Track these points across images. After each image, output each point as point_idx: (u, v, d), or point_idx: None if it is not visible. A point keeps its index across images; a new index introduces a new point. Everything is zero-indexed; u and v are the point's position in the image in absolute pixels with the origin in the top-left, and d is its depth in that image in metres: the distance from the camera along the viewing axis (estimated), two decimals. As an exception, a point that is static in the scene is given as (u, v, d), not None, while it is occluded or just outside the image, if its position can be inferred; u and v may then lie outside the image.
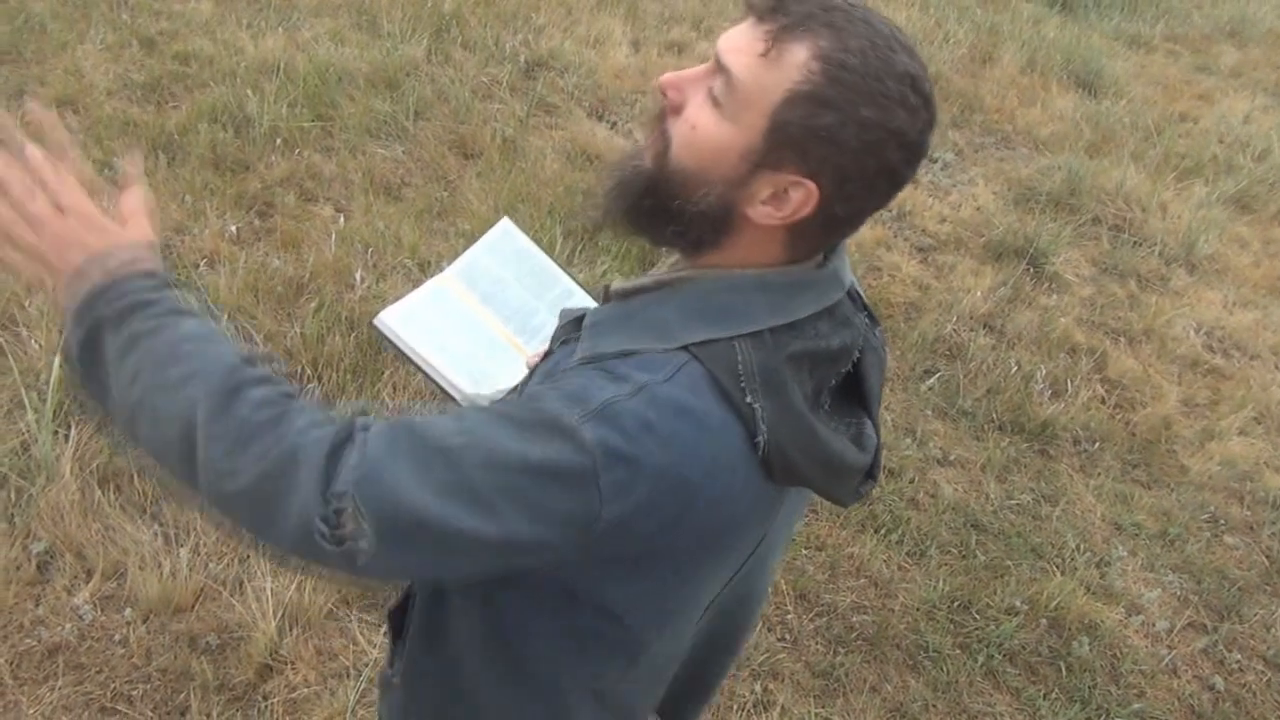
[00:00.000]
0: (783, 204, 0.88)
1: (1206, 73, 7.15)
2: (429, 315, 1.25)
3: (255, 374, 0.86)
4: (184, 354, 0.85)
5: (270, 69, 4.29)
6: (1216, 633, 2.86)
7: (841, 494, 1.02)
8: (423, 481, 0.80)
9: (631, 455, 0.82)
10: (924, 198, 4.70)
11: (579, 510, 0.83)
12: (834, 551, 2.80)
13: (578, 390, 0.85)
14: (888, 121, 0.83)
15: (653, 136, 0.92)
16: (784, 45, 0.84)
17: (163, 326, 0.87)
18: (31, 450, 2.48)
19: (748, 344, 0.89)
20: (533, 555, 0.86)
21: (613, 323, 0.94)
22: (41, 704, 2.05)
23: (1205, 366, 3.99)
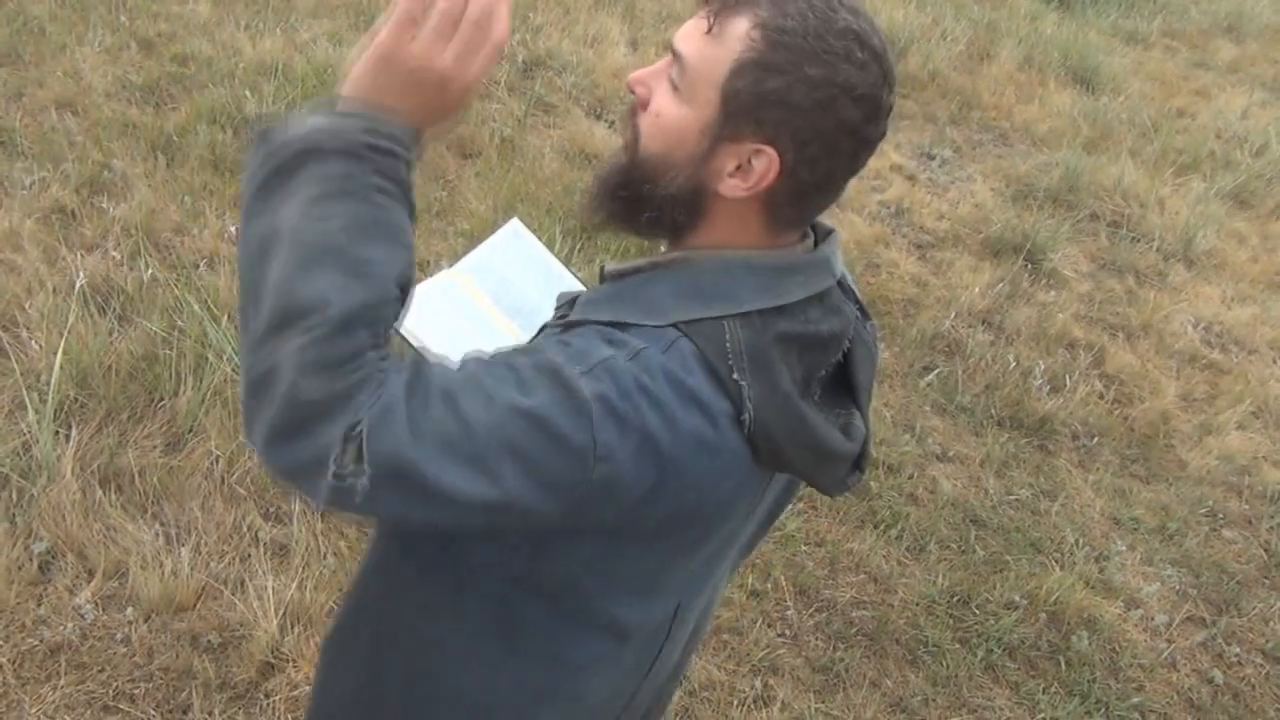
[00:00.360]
0: (748, 174, 0.89)
1: (1204, 68, 7.16)
2: (437, 307, 1.25)
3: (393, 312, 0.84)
4: (374, 235, 0.81)
5: (269, 70, 4.30)
6: (1215, 626, 2.87)
7: (828, 482, 1.02)
8: (426, 435, 0.81)
9: (623, 412, 0.84)
10: (922, 195, 4.71)
11: (573, 465, 0.84)
12: (834, 547, 2.81)
13: (578, 349, 0.87)
14: (835, 77, 0.85)
15: (627, 132, 0.95)
16: (725, 20, 0.87)
17: (375, 204, 0.82)
18: (33, 450, 2.49)
19: (736, 324, 0.90)
20: (519, 519, 0.87)
21: (605, 300, 0.96)
22: (44, 703, 2.06)
23: (1203, 361, 4.00)
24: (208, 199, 3.53)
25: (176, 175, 3.62)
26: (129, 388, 2.72)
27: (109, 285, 3.05)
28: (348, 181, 0.81)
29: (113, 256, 3.16)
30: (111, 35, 4.41)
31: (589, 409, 0.83)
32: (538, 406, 0.83)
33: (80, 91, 3.98)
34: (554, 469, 0.84)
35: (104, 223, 3.31)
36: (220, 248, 3.31)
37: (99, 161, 3.59)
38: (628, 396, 0.84)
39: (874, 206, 4.54)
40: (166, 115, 3.96)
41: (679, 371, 0.88)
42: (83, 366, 2.70)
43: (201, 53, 4.39)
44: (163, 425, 2.67)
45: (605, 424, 0.83)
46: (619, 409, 0.84)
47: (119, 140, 3.74)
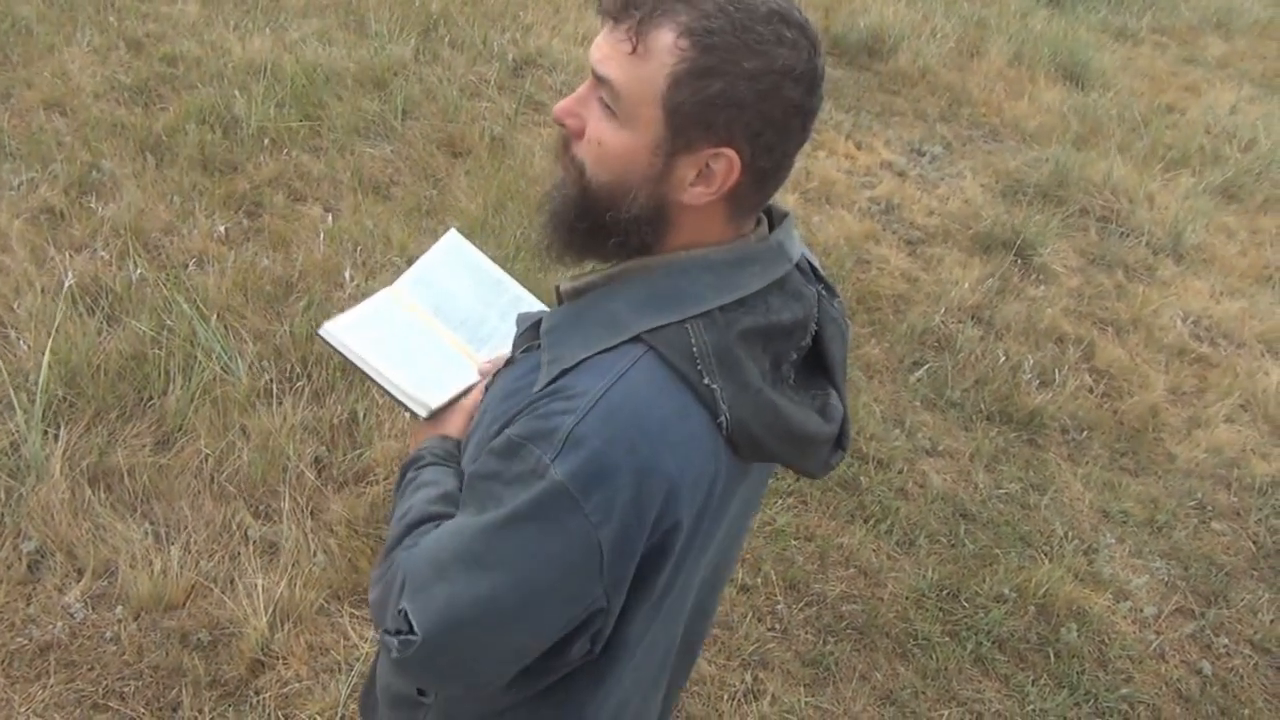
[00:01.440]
0: (710, 179, 0.89)
1: (1193, 64, 7.19)
2: (377, 325, 1.26)
3: (435, 511, 1.02)
4: (417, 496, 1.06)
5: (258, 70, 4.30)
6: (1204, 618, 2.88)
7: (811, 466, 1.03)
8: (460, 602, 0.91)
9: (603, 472, 0.85)
10: (912, 191, 4.72)
11: (580, 547, 0.86)
12: (823, 542, 2.82)
13: (539, 426, 0.88)
14: (773, 64, 0.84)
15: (565, 164, 0.94)
16: (647, 36, 0.85)
17: (419, 475, 1.09)
18: (21, 450, 2.49)
19: (700, 325, 0.90)
20: (587, 622, 0.92)
21: (567, 325, 0.95)
22: (33, 702, 2.06)
23: (1192, 355, 4.02)
24: (197, 199, 3.52)
25: (165, 175, 3.62)
26: (118, 387, 2.72)
27: (97, 285, 3.05)
28: (406, 484, 1.14)
29: (101, 256, 3.16)
30: (100, 35, 4.40)
31: (569, 490, 0.85)
32: (522, 509, 0.87)
33: (69, 92, 3.98)
34: (569, 565, 0.88)
35: (93, 223, 3.31)
36: (209, 247, 3.31)
37: (87, 162, 3.58)
38: (600, 456, 0.85)
39: (864, 203, 4.54)
40: (155, 115, 3.96)
41: (643, 397, 0.88)
42: (71, 366, 2.70)
43: (190, 53, 4.38)
44: (151, 424, 2.67)
45: (590, 494, 0.85)
46: (596, 472, 0.85)
47: (108, 140, 3.73)
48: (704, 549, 1.01)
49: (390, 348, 1.23)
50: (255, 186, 3.67)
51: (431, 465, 1.10)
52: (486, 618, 0.90)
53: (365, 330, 1.24)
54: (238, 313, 3.05)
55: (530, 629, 0.91)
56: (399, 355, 1.23)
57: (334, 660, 2.25)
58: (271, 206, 3.59)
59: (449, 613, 0.90)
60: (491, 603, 0.89)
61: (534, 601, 0.89)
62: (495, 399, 0.99)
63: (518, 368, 0.99)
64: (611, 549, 0.87)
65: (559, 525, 0.86)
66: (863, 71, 5.87)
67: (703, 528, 0.96)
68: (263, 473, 2.58)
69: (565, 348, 0.93)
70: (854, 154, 4.94)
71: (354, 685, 2.18)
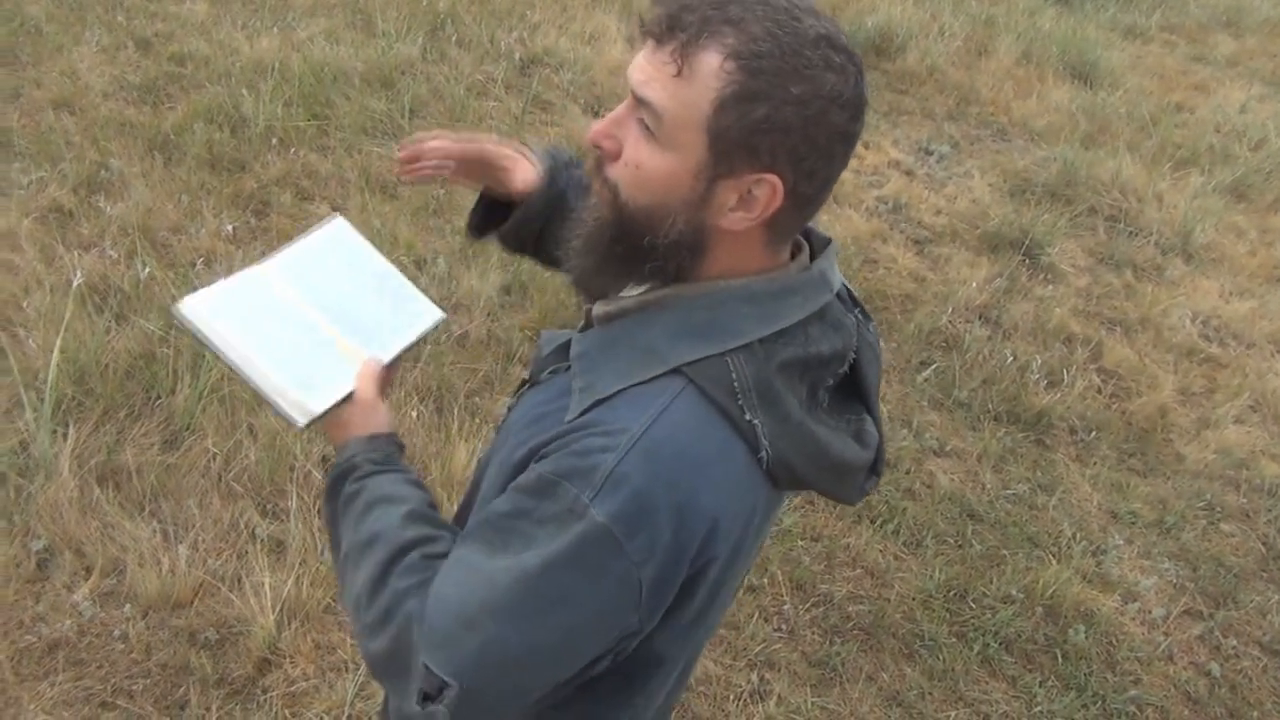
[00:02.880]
0: (752, 205, 0.86)
1: (1203, 63, 7.15)
2: (243, 305, 1.09)
3: (412, 537, 0.97)
4: (372, 515, 1.00)
5: (265, 69, 4.31)
6: (1213, 619, 2.87)
7: (847, 493, 1.01)
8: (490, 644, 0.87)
9: (644, 512, 0.83)
10: (920, 190, 4.71)
11: (621, 587, 0.85)
12: (830, 542, 2.81)
13: (576, 464, 0.85)
14: (820, 90, 0.82)
15: (600, 187, 0.91)
16: (693, 59, 0.82)
17: (363, 489, 1.03)
18: (30, 449, 2.50)
19: (740, 358, 0.88)
20: (619, 651, 0.92)
21: (600, 352, 0.93)
22: (42, 700, 2.07)
23: (1201, 355, 4.00)
24: (205, 198, 3.53)
25: (174, 174, 3.63)
26: (126, 386, 2.73)
27: (106, 284, 3.06)
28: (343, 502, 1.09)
29: (110, 255, 3.17)
30: (109, 35, 4.41)
31: (611, 532, 0.83)
32: (563, 554, 0.85)
33: (78, 91, 3.99)
34: (608, 598, 0.86)
35: (101, 222, 3.32)
36: (217, 246, 3.32)
37: (96, 161, 3.60)
38: (641, 496, 0.83)
39: (871, 202, 4.54)
40: (164, 114, 3.97)
41: (685, 433, 0.86)
42: (80, 365, 2.71)
43: (199, 52, 4.39)
44: (160, 423, 2.67)
45: (633, 536, 0.83)
46: (638, 513, 0.83)
47: (116, 140, 3.75)
48: (737, 576, 1.01)
49: (262, 336, 1.07)
50: (263, 185, 3.68)
51: (374, 474, 1.04)
52: (524, 662, 0.88)
53: (231, 312, 1.07)
54: (245, 312, 3.06)
55: (567, 665, 0.91)
56: (273, 346, 1.07)
57: (340, 659, 2.25)
58: (279, 205, 3.59)
59: (485, 659, 0.87)
60: (531, 650, 0.87)
61: (572, 642, 0.88)
62: (520, 422, 0.97)
63: (545, 391, 0.97)
64: (651, 585, 0.86)
65: (601, 569, 0.84)
66: (870, 70, 5.85)
67: (739, 558, 0.96)
68: (270, 472, 2.59)
69: (598, 376, 0.91)
70: (861, 153, 4.93)
71: (361, 684, 2.19)
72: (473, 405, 2.94)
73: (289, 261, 1.15)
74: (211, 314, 1.05)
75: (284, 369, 1.06)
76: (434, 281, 3.35)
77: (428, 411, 2.88)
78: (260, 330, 1.08)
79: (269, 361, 1.06)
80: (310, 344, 1.10)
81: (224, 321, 1.05)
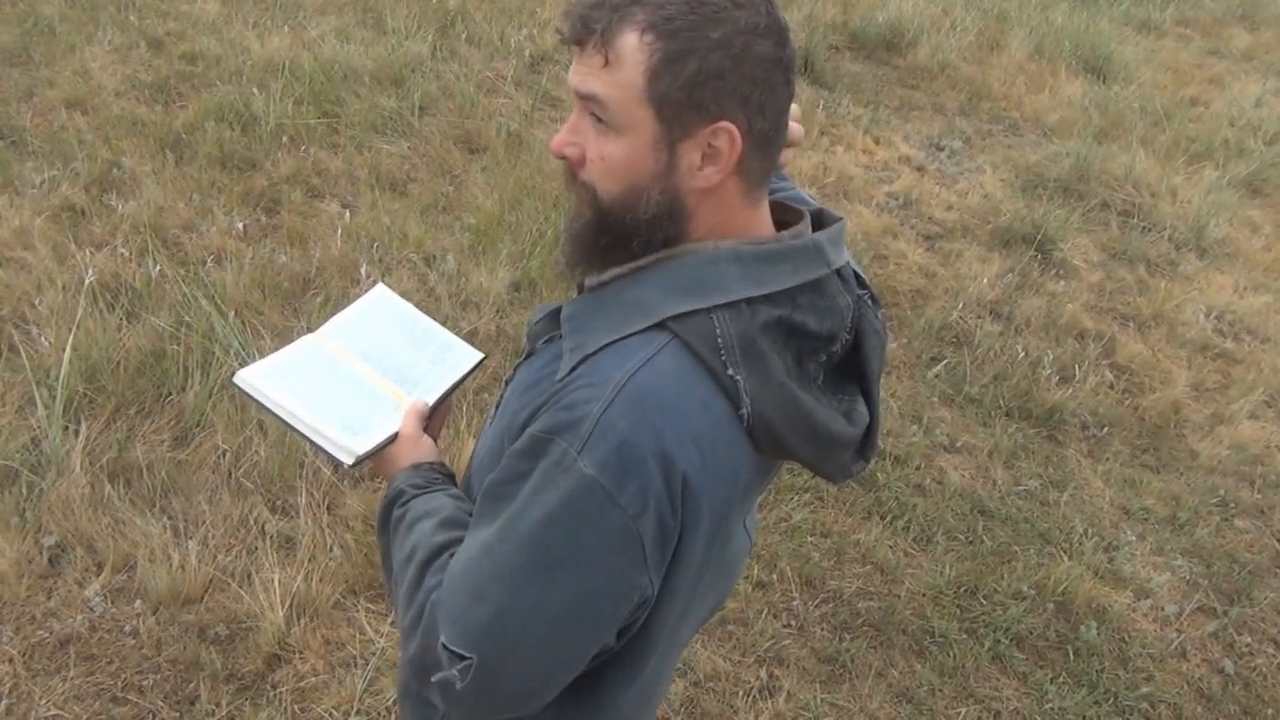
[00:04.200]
0: (717, 157, 0.89)
1: (1217, 56, 7.10)
2: (300, 371, 1.18)
3: (444, 540, 0.99)
4: (414, 530, 1.02)
5: (276, 67, 4.32)
6: (1226, 616, 2.85)
7: (831, 469, 1.01)
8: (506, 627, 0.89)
9: (633, 460, 0.84)
10: (931, 186, 4.69)
11: (620, 541, 0.85)
12: (840, 538, 2.80)
13: (563, 418, 0.87)
14: (736, 27, 0.86)
15: (577, 193, 0.95)
16: (614, 45, 0.87)
17: (407, 511, 1.05)
18: (42, 445, 2.51)
19: (725, 314, 0.89)
20: (638, 608, 0.92)
21: (589, 311, 0.95)
22: (54, 694, 2.08)
23: (1215, 350, 3.97)
24: (215, 196, 3.55)
25: (185, 173, 3.64)
26: (137, 383, 2.74)
27: (118, 282, 3.07)
28: (393, 525, 1.11)
29: (121, 253, 3.19)
30: (121, 34, 4.44)
31: (601, 484, 0.84)
32: (559, 508, 0.85)
33: (90, 90, 4.01)
34: (614, 560, 0.87)
35: (113, 220, 3.33)
36: (228, 244, 3.33)
37: (108, 159, 3.62)
38: (627, 446, 0.84)
39: (882, 197, 4.52)
40: (175, 113, 3.99)
41: (671, 385, 0.87)
42: (91, 362, 2.72)
43: (210, 51, 4.41)
44: (170, 420, 2.69)
45: (623, 487, 0.84)
46: (626, 463, 0.84)
47: (128, 138, 3.76)
48: (727, 541, 1.01)
49: (311, 392, 1.15)
50: (273, 183, 3.69)
51: (417, 497, 1.07)
52: (537, 629, 0.88)
53: (285, 376, 1.16)
54: (255, 309, 3.07)
55: (586, 632, 0.90)
56: (320, 399, 1.15)
57: (350, 654, 2.26)
58: (289, 203, 3.60)
59: (496, 628, 0.88)
60: (541, 616, 0.87)
61: (585, 604, 0.88)
62: (517, 390, 0.99)
63: (539, 359, 0.99)
64: (652, 538, 0.87)
65: (595, 523, 0.85)
66: (881, 66, 5.83)
67: (727, 520, 0.95)
68: (280, 468, 2.60)
69: (588, 334, 0.93)
70: (872, 149, 4.91)
71: (370, 679, 2.19)
72: (481, 401, 2.95)
73: (339, 325, 1.25)
74: (264, 380, 1.14)
75: (331, 416, 1.14)
76: (443, 278, 3.36)
77: (437, 408, 2.88)
78: (309, 385, 1.16)
79: (317, 411, 1.13)
80: (357, 392, 1.19)
81: (274, 383, 1.14)
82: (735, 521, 1.00)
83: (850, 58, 5.87)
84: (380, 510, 1.10)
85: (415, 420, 1.16)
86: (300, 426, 1.12)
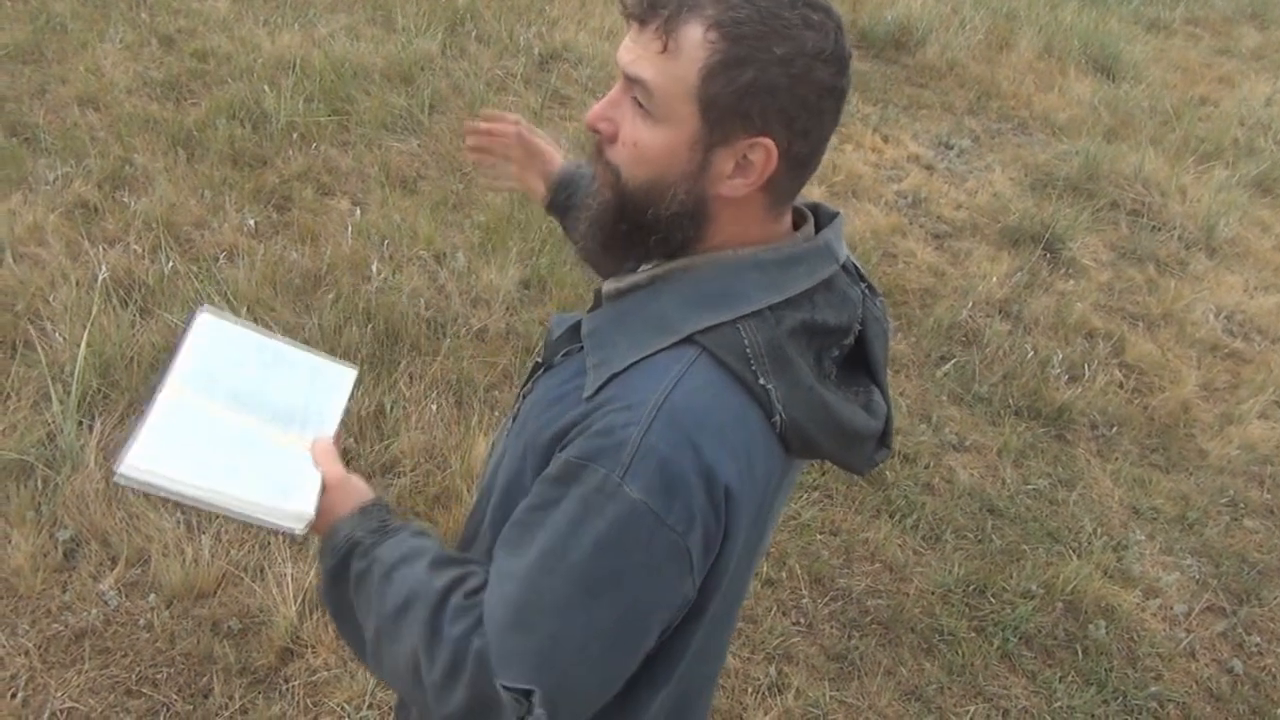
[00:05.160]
0: (748, 170, 0.88)
1: (1227, 55, 7.08)
2: (182, 440, 0.99)
3: (447, 583, 0.93)
4: (395, 579, 0.95)
5: (287, 65, 4.33)
6: (1235, 616, 2.85)
7: (857, 462, 1.02)
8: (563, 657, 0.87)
9: (676, 480, 0.84)
10: (940, 184, 4.69)
11: (670, 559, 0.86)
12: (849, 536, 2.81)
13: (601, 444, 0.86)
14: (803, 48, 0.84)
15: (601, 170, 0.93)
16: (676, 33, 0.85)
17: (373, 561, 0.97)
18: (57, 440, 2.53)
19: (751, 324, 0.89)
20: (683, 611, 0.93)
21: (611, 327, 0.94)
22: (69, 687, 2.10)
23: (1225, 350, 3.96)
24: (227, 193, 3.56)
25: (196, 170, 3.66)
26: (150, 378, 2.76)
27: (131, 278, 3.09)
28: (355, 581, 1.02)
29: (134, 250, 3.20)
30: (132, 32, 4.46)
31: (648, 508, 0.84)
32: (607, 536, 0.85)
33: (102, 88, 4.03)
34: (664, 575, 0.87)
35: (125, 217, 3.35)
36: (240, 241, 3.34)
37: (120, 156, 3.63)
38: (670, 466, 0.84)
39: (891, 196, 4.52)
40: (186, 110, 4.00)
41: (703, 399, 0.87)
42: (105, 358, 2.74)
43: (221, 48, 4.43)
44: (184, 415, 2.70)
45: (670, 507, 0.84)
46: (670, 484, 0.84)
47: (140, 135, 3.78)
48: (758, 545, 1.02)
49: (214, 464, 0.98)
50: (284, 181, 3.71)
51: (378, 544, 0.99)
52: (595, 649, 0.88)
53: (172, 450, 0.97)
54: (267, 305, 3.08)
55: (639, 642, 0.91)
56: (229, 469, 0.99)
57: (362, 649, 2.27)
58: (300, 200, 3.62)
59: (553, 656, 0.87)
60: (597, 636, 0.87)
61: (637, 619, 0.89)
62: (538, 406, 0.97)
63: (560, 373, 0.98)
64: (700, 549, 0.87)
65: (645, 545, 0.85)
66: (890, 64, 5.83)
67: (762, 525, 0.97)
68: (292, 464, 2.61)
69: (612, 350, 0.92)
70: (881, 147, 4.91)
71: (382, 674, 2.21)
72: (492, 399, 2.96)
73: (186, 373, 1.05)
74: (155, 463, 0.95)
75: (254, 487, 0.98)
76: (453, 276, 3.37)
77: (447, 405, 2.90)
78: (208, 459, 0.99)
79: (237, 486, 0.98)
80: (259, 451, 1.03)
81: (170, 465, 0.95)
82: (768, 524, 1.02)
83: (859, 56, 5.86)
84: (333, 566, 0.99)
85: (332, 461, 1.05)
86: (231, 505, 0.96)
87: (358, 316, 3.09)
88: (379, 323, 3.09)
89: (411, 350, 3.05)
